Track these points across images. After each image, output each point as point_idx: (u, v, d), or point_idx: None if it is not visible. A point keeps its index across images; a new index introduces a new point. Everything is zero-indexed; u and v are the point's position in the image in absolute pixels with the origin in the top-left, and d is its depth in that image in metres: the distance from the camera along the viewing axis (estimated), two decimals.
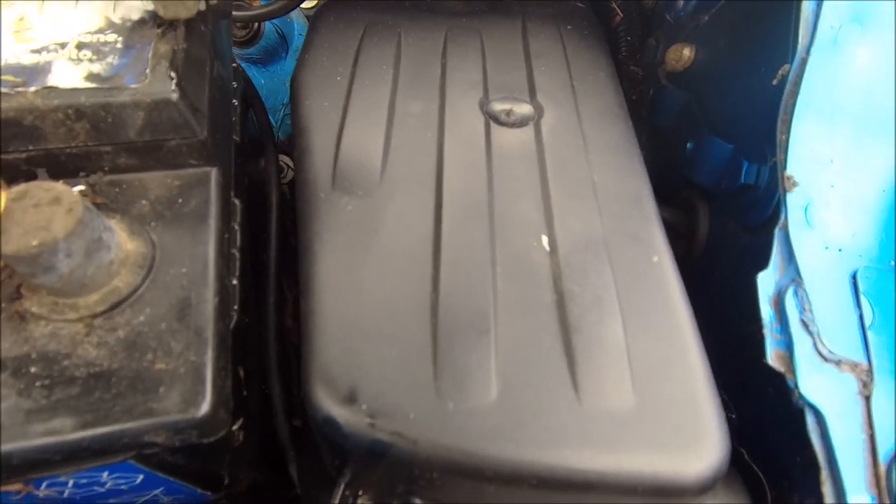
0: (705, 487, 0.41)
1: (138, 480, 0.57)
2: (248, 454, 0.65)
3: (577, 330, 0.46)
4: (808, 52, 0.57)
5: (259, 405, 0.68)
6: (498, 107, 0.64)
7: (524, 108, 0.64)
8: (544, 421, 0.42)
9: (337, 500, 0.51)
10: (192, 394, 0.42)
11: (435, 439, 0.40)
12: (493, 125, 0.62)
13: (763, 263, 0.58)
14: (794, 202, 0.57)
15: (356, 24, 0.71)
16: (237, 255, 0.57)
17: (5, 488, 0.45)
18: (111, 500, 0.62)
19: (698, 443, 0.42)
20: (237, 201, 0.60)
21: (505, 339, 0.45)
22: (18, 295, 0.44)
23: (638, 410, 0.43)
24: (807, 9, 0.57)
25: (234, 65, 0.69)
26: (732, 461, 0.45)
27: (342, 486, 0.51)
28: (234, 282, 0.55)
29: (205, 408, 0.42)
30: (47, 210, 0.40)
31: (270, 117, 0.86)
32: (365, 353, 0.44)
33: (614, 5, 1.13)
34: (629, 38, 1.12)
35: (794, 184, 0.57)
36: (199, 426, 0.43)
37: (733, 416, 0.51)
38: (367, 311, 0.46)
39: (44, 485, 0.50)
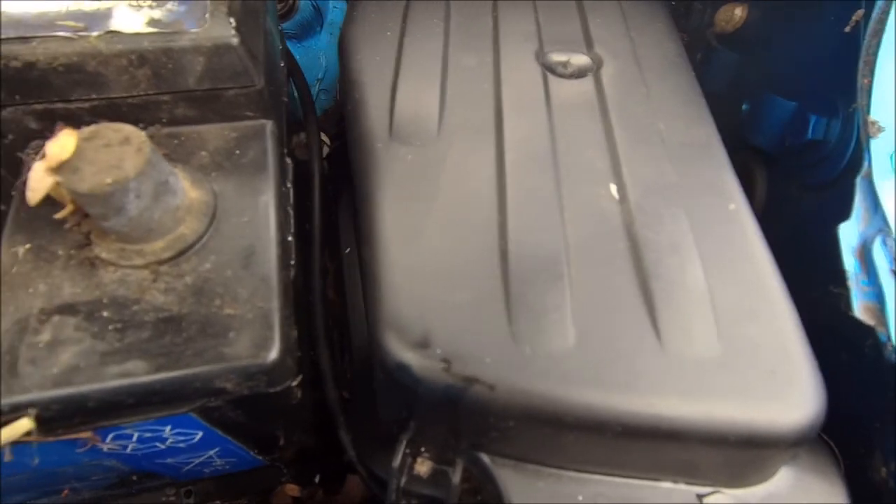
0: (802, 438, 0.39)
1: (196, 438, 0.56)
2: (302, 415, 0.64)
3: (654, 276, 0.44)
4: None
5: (308, 371, 0.68)
6: (555, 58, 0.61)
7: (582, 59, 0.61)
8: (627, 366, 0.40)
9: (399, 458, 0.50)
10: (262, 339, 0.41)
11: (513, 384, 0.39)
12: (551, 77, 0.60)
13: (839, 217, 0.55)
14: (879, 149, 0.54)
15: None
16: (291, 212, 0.56)
17: (75, 436, 0.45)
18: (168, 459, 0.62)
19: (793, 390, 0.39)
20: (289, 160, 0.59)
21: (579, 284, 0.43)
22: (88, 242, 0.44)
23: (725, 357, 0.40)
24: None
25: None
26: None
27: (404, 443, 0.50)
28: (290, 238, 0.55)
29: (274, 353, 0.41)
30: (118, 150, 0.39)
31: (311, 97, 0.86)
32: (435, 299, 0.42)
33: None
34: (673, 3, 1.08)
35: (880, 129, 0.53)
36: (269, 372, 0.42)
37: None
38: (434, 257, 0.45)
39: (110, 437, 0.50)
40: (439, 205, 0.48)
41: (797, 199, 0.74)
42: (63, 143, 0.38)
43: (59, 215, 0.43)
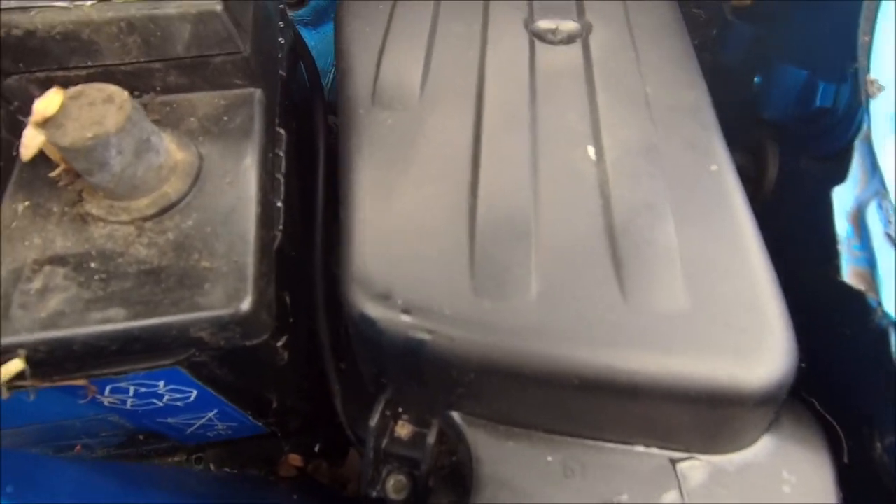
0: (769, 397, 0.38)
1: (192, 397, 0.59)
2: (293, 379, 0.66)
3: (623, 232, 0.43)
4: None
5: (307, 341, 0.70)
6: (543, 25, 0.61)
7: (570, 26, 0.61)
8: (587, 319, 0.39)
9: (376, 417, 0.51)
10: (235, 290, 0.43)
11: (471, 336, 0.39)
12: (539, 43, 0.59)
13: (839, 181, 0.52)
14: (878, 109, 0.51)
15: None
16: (282, 179, 0.58)
17: (72, 383, 0.48)
18: (169, 419, 0.65)
19: (761, 345, 0.38)
20: (282, 130, 0.60)
21: (546, 240, 0.43)
22: (80, 199, 0.47)
23: (693, 312, 0.39)
24: None
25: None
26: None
27: (382, 403, 0.51)
28: (279, 204, 0.56)
29: (246, 304, 0.43)
30: (101, 108, 0.41)
31: (320, 79, 0.88)
32: (400, 254, 0.43)
33: None
34: None
35: (880, 88, 0.51)
36: (241, 323, 0.43)
37: (803, 366, 0.47)
38: (403, 215, 0.45)
39: (107, 389, 0.53)
40: (414, 167, 0.48)
41: (807, 172, 0.71)
42: (49, 100, 0.40)
43: (52, 174, 0.46)
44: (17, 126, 0.50)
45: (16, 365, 0.41)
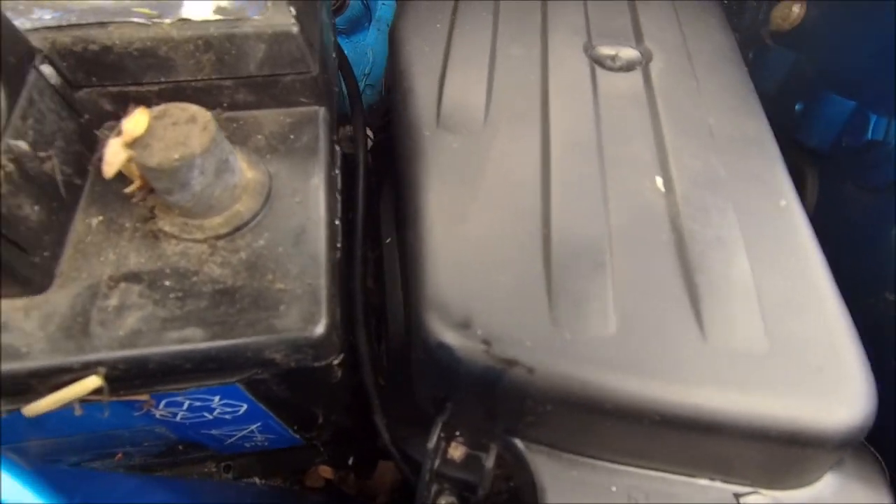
0: (848, 440, 0.38)
1: (241, 411, 0.59)
2: (341, 395, 0.66)
3: (699, 268, 0.43)
4: None
5: (348, 355, 0.70)
6: (603, 51, 0.61)
7: (630, 53, 0.61)
8: (667, 355, 0.39)
9: (434, 439, 0.51)
10: (310, 314, 0.43)
11: (552, 368, 0.39)
12: (599, 69, 0.60)
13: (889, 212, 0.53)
14: None
15: None
16: (338, 197, 0.58)
17: (133, 397, 0.48)
18: (213, 430, 0.65)
19: (841, 388, 0.38)
20: (338, 147, 0.61)
21: (621, 273, 0.43)
22: (152, 215, 0.47)
23: (771, 351, 0.40)
24: None
25: None
26: None
27: (440, 425, 0.51)
28: (337, 221, 0.57)
29: (321, 328, 0.43)
30: (185, 128, 0.42)
31: (359, 92, 0.88)
32: (477, 281, 0.43)
33: None
34: (726, 1, 1.06)
35: None
36: (315, 346, 0.43)
37: None
38: (476, 242, 0.46)
39: (163, 403, 0.53)
40: (484, 192, 0.49)
41: (852, 201, 0.71)
42: (137, 120, 0.40)
43: (127, 190, 0.46)
44: (89, 138, 0.50)
45: (93, 381, 0.41)
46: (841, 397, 0.38)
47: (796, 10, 0.87)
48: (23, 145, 0.39)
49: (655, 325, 0.41)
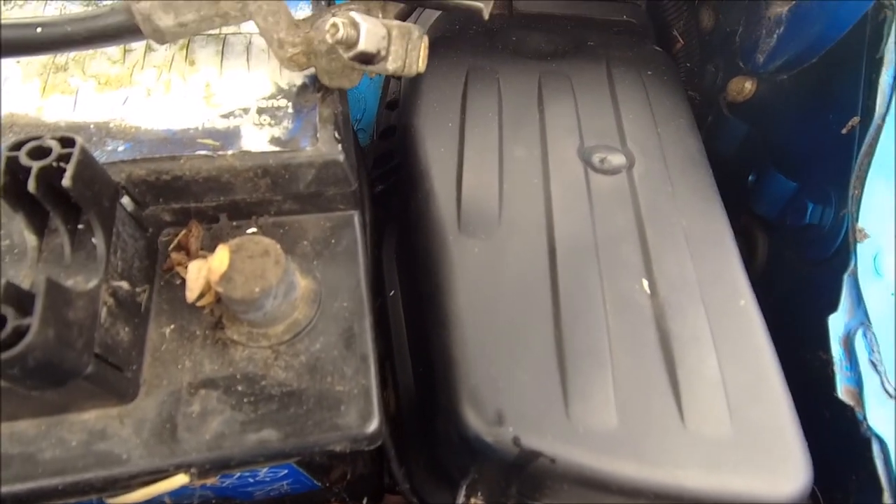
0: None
1: (282, 474, 0.67)
2: (371, 453, 0.75)
3: (679, 364, 0.55)
4: (883, 119, 0.64)
5: None
6: (594, 155, 0.71)
7: (618, 158, 0.71)
8: (657, 444, 0.50)
9: (461, 499, 0.61)
10: (366, 412, 0.51)
11: (570, 458, 0.49)
12: (591, 172, 0.70)
13: (831, 304, 0.65)
14: (863, 252, 0.64)
15: (458, 68, 0.79)
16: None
17: (206, 481, 0.55)
18: (250, 489, 0.73)
19: (788, 466, 0.50)
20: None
21: (619, 370, 0.54)
22: (220, 325, 0.53)
23: (735, 436, 0.51)
24: (884, 81, 0.63)
25: None
26: None
27: (464, 488, 0.61)
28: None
29: (375, 424, 0.51)
30: (260, 261, 0.49)
31: (365, 164, 0.94)
32: (505, 381, 0.53)
33: (675, 33, 1.18)
34: (688, 65, 1.16)
35: (866, 235, 0.64)
36: (371, 438, 0.52)
37: None
38: (501, 343, 0.55)
39: (218, 476, 0.60)
40: (503, 296, 0.58)
41: (795, 267, 0.83)
42: (221, 259, 0.47)
43: (200, 303, 0.53)
44: (154, 250, 0.56)
45: (180, 479, 0.49)
46: (787, 473, 0.50)
47: (748, 85, 0.98)
48: (125, 285, 0.46)
49: (647, 416, 0.52)
